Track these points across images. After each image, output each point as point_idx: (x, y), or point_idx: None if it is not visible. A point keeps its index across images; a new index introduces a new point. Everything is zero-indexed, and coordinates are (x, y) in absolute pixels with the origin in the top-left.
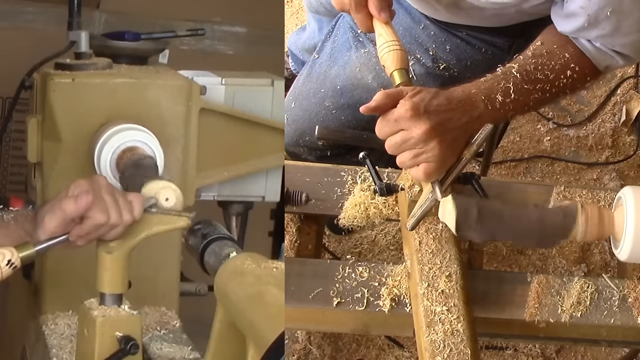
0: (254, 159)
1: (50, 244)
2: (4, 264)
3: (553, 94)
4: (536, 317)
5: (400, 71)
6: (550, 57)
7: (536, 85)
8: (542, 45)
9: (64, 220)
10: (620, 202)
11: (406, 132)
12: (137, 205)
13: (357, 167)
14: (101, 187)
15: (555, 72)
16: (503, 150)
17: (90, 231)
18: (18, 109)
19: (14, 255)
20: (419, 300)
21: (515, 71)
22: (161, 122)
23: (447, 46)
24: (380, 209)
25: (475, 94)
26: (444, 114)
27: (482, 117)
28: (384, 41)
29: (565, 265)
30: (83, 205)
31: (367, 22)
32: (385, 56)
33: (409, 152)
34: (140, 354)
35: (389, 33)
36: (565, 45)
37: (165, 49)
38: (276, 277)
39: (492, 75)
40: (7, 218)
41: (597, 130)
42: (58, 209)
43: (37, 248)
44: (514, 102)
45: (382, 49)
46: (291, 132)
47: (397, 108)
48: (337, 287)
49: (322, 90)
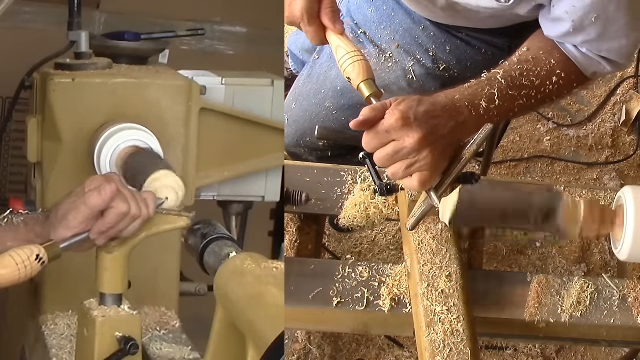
0: (254, 159)
1: (75, 241)
2: (33, 259)
3: (538, 100)
4: (536, 317)
5: (368, 82)
6: (536, 63)
7: (521, 91)
8: (528, 51)
9: (90, 215)
10: (620, 202)
11: (398, 142)
12: (151, 202)
13: (357, 167)
14: (117, 181)
15: (540, 78)
16: (503, 150)
17: (112, 224)
18: (18, 109)
19: (41, 251)
20: (419, 300)
21: (500, 77)
22: (161, 122)
23: (447, 47)
24: (380, 209)
25: (459, 100)
26: (432, 121)
27: (466, 123)
28: (344, 53)
29: (565, 265)
30: (109, 195)
31: (320, 35)
32: (349, 68)
33: (402, 163)
34: (140, 354)
35: (347, 44)
36: (551, 51)
37: (165, 49)
38: (276, 277)
39: (477, 81)
40: (17, 221)
41: (597, 130)
42: (82, 205)
43: (62, 245)
44: (499, 108)
45: (345, 60)
46: (292, 132)
47: (386, 119)
48: (337, 287)
49: (322, 91)
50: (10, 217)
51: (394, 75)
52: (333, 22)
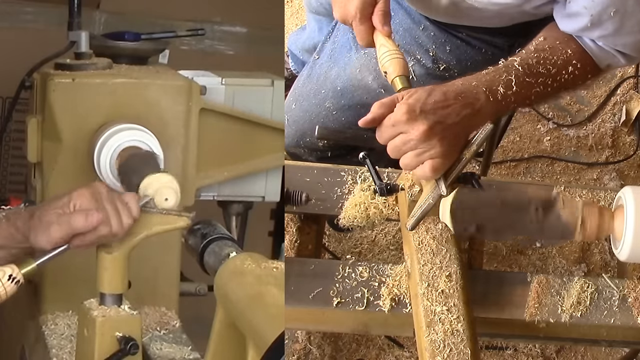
0: (254, 159)
1: (51, 255)
2: (5, 280)
3: (554, 89)
4: (536, 317)
5: (402, 77)
6: (553, 52)
7: (538, 78)
8: (544, 41)
9: (71, 233)
10: (620, 202)
11: (405, 134)
12: (134, 205)
13: (357, 167)
14: (102, 196)
15: (557, 67)
16: (503, 150)
17: (92, 242)
18: (18, 109)
19: (14, 270)
20: (419, 300)
21: (517, 64)
22: (161, 122)
23: (447, 47)
24: (380, 209)
25: (477, 86)
26: (441, 111)
27: (483, 109)
28: (386, 50)
29: (565, 265)
30: (94, 224)
31: (368, 35)
32: (387, 63)
33: (412, 153)
34: (140, 354)
35: (391, 44)
36: (567, 42)
37: (165, 49)
38: (276, 277)
39: (494, 68)
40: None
41: (597, 130)
42: (66, 223)
43: (37, 262)
44: (516, 95)
45: (385, 56)
46: (292, 133)
47: (394, 113)
48: (337, 287)
49: (322, 91)
50: None
51: None
52: (382, 23)
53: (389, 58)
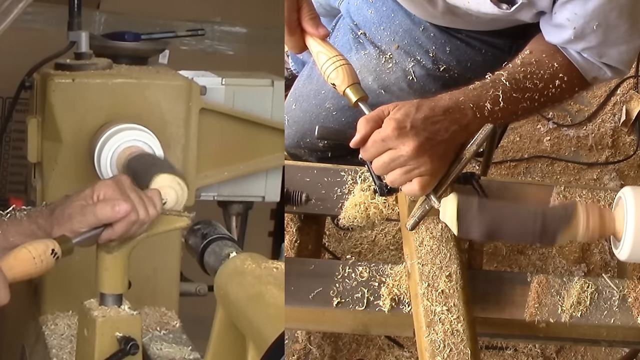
0: (254, 159)
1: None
2: (49, 253)
3: (541, 103)
4: (536, 317)
5: (355, 86)
6: (539, 66)
7: (525, 94)
8: (530, 54)
9: (96, 224)
10: (620, 202)
11: (394, 150)
12: (157, 200)
13: (357, 167)
14: (126, 186)
15: (544, 81)
16: (503, 150)
17: (122, 233)
18: (18, 109)
19: (56, 246)
20: (419, 300)
21: (504, 79)
22: (161, 122)
23: (447, 48)
24: (380, 209)
25: (464, 102)
26: (431, 127)
27: (470, 126)
28: (326, 58)
29: (565, 265)
30: (122, 214)
31: (301, 43)
32: (332, 74)
33: (400, 170)
34: (140, 354)
35: (329, 49)
36: (554, 55)
37: (165, 49)
38: (276, 277)
39: (481, 83)
40: (20, 215)
41: (597, 130)
42: (91, 214)
43: (75, 240)
44: (503, 111)
45: (327, 66)
46: (292, 133)
47: (382, 128)
48: (337, 287)
49: (322, 92)
50: (13, 212)
51: (394, 76)
52: (316, 27)
53: (333, 67)
